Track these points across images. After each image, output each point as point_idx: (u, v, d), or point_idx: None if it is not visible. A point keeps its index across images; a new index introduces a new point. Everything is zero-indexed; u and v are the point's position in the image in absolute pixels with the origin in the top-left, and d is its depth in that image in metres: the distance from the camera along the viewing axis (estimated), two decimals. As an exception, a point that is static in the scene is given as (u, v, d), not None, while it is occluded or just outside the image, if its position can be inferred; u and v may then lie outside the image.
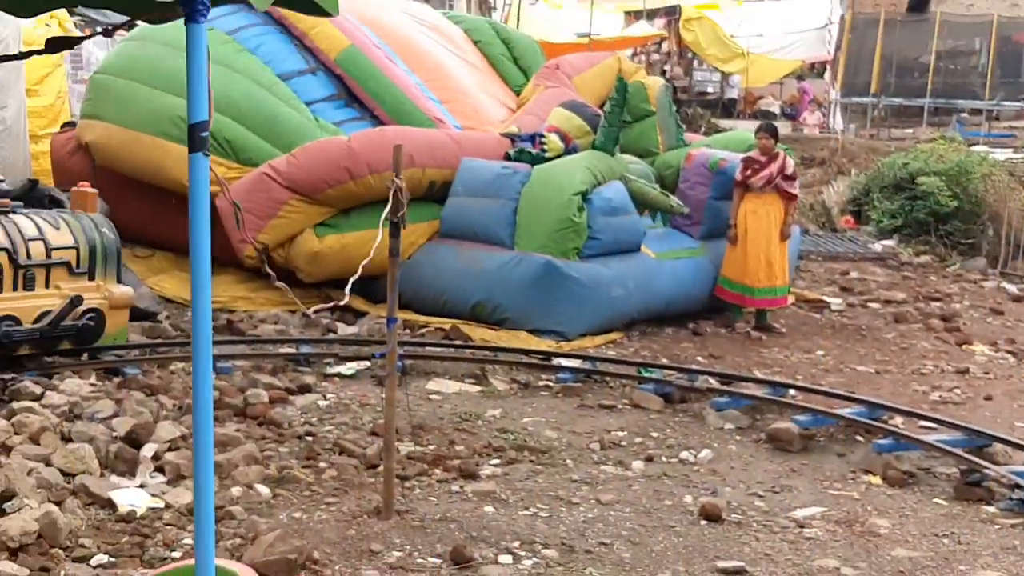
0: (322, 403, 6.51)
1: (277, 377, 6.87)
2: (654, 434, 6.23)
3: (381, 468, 4.92)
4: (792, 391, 6.99)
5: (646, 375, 7.24)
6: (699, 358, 8.26)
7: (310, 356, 7.38)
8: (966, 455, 5.57)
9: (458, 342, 8.10)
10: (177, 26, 2.84)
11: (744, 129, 13.52)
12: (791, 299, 10.36)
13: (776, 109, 28.93)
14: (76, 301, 6.54)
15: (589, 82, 11.12)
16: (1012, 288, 12.63)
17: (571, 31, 25.05)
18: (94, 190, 7.18)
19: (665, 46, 27.61)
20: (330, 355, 7.44)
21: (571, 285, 8.34)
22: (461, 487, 5.17)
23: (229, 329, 8.11)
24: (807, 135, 22.77)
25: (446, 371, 7.33)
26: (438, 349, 7.82)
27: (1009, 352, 9.04)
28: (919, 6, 33.81)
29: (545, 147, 9.38)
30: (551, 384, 7.21)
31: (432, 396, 6.82)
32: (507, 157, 9.47)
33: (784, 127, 22.53)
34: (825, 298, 10.96)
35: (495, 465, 5.54)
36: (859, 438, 6.21)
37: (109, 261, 6.82)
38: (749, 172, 9.19)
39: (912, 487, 5.43)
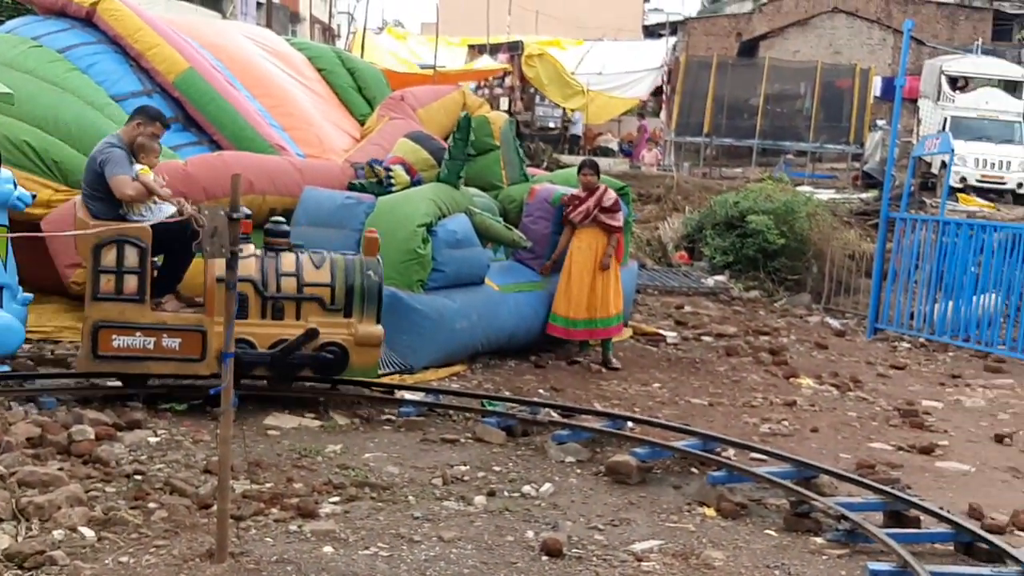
0: (152, 440, 6.24)
1: (104, 412, 6.55)
2: (496, 468, 6.23)
3: (215, 508, 4.74)
4: (630, 424, 7.10)
5: (489, 408, 7.24)
6: (541, 391, 8.32)
7: (140, 390, 7.08)
8: (795, 487, 5.75)
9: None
10: None
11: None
12: (628, 332, 10.59)
13: (615, 146, 29.68)
14: (311, 333, 6.86)
15: (434, 114, 11.14)
16: (835, 323, 13.25)
17: (415, 62, 25.12)
18: (375, 235, 7.38)
19: (508, 81, 27.99)
20: (161, 389, 7.16)
21: (415, 317, 8.28)
22: (299, 527, 5.03)
23: (53, 361, 7.72)
24: (644, 172, 23.40)
25: (284, 406, 7.15)
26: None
27: (833, 385, 9.45)
28: (749, 51, 35.38)
29: (392, 179, 9.33)
30: (393, 418, 7.13)
31: (270, 432, 6.63)
32: (351, 187, 9.37)
33: (622, 164, 23.10)
34: (661, 331, 11.24)
35: (335, 503, 5.42)
36: (694, 470, 6.35)
37: (368, 301, 7.03)
38: (570, 208, 9.41)
39: (744, 518, 5.58)
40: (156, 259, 6.97)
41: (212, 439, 6.19)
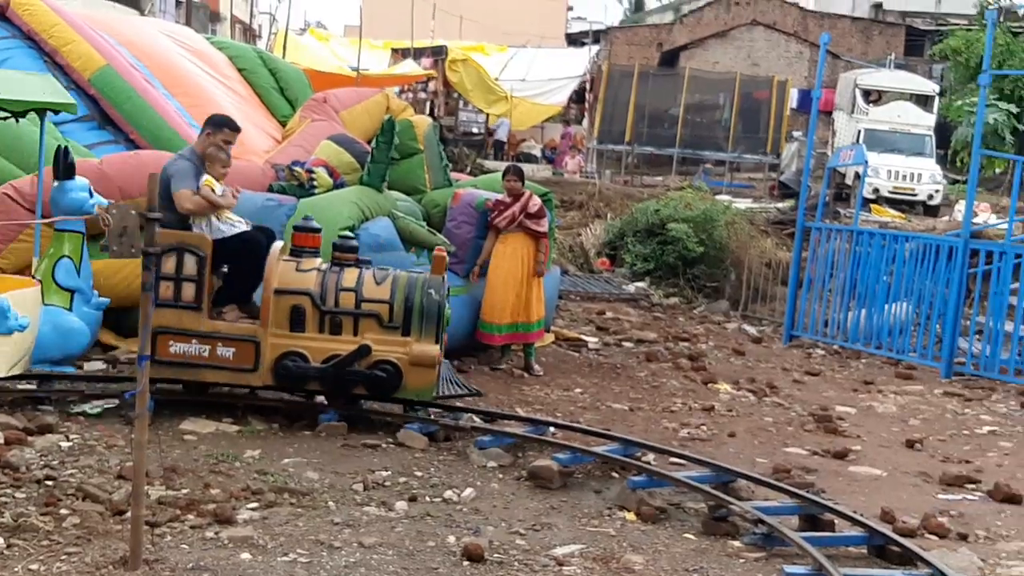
0: (64, 444, 6.09)
1: (14, 416, 6.37)
2: (418, 473, 6.19)
3: (129, 514, 4.64)
4: (552, 429, 7.13)
5: (411, 413, 7.20)
6: None
7: (52, 393, 6.90)
8: (713, 491, 5.83)
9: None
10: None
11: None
12: (550, 337, 10.62)
13: (537, 152, 29.80)
14: (363, 350, 6.77)
15: (357, 117, 11.06)
16: (751, 330, 13.47)
17: (338, 64, 24.93)
18: (444, 254, 7.25)
19: (432, 85, 27.95)
20: (74, 392, 6.98)
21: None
22: (216, 533, 4.94)
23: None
24: (567, 179, 23.54)
25: (202, 410, 7.02)
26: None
27: (750, 391, 9.60)
28: (670, 61, 35.84)
29: (314, 181, 9.24)
30: (314, 423, 7.04)
31: (186, 437, 6.51)
32: (272, 189, 9.26)
33: (545, 170, 23.21)
34: (583, 337, 11.30)
35: (253, 509, 5.34)
36: (615, 475, 6.39)
37: (427, 321, 6.85)
38: (495, 213, 9.43)
39: (664, 522, 5.63)
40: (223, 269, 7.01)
41: (126, 444, 6.06)
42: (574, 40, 40.83)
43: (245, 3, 40.30)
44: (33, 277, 7.28)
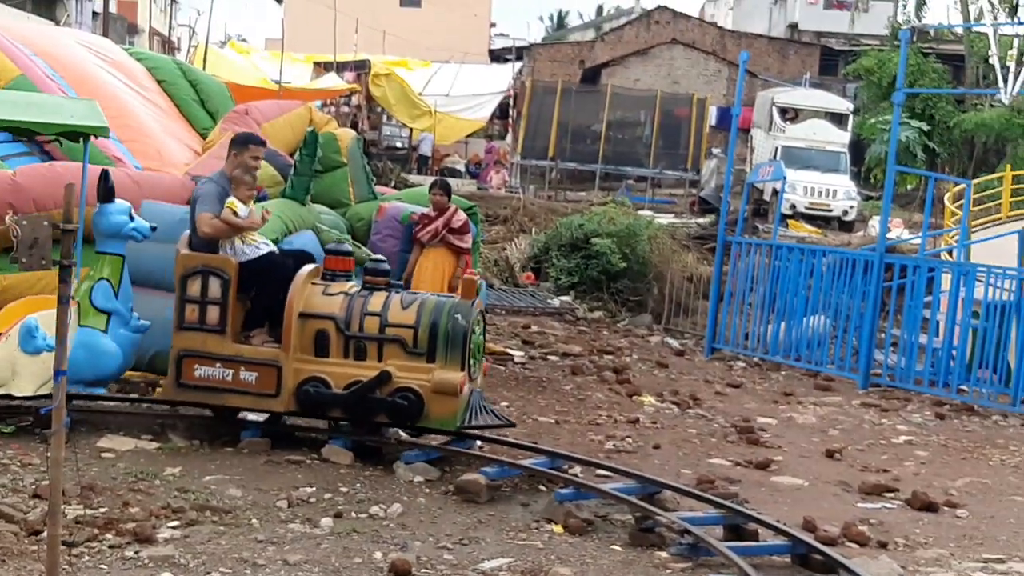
0: (-24, 464, 5.90)
1: (-78, 435, 6.16)
2: (344, 489, 6.12)
3: (45, 534, 4.50)
4: (479, 443, 7.11)
5: (336, 428, 7.10)
6: None
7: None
8: (639, 502, 5.86)
9: (134, 396, 7.62)
10: None
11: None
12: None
13: (461, 167, 29.82)
14: (384, 376, 6.50)
15: (279, 130, 10.92)
16: (674, 343, 13.62)
17: (259, 77, 24.66)
18: (476, 278, 7.12)
19: (355, 99, 27.80)
20: (-13, 410, 6.77)
21: (258, 336, 8.08)
22: (136, 553, 4.83)
23: None
24: (492, 194, 23.58)
25: (120, 427, 6.86)
26: (111, 403, 7.31)
27: (673, 403, 9.69)
28: (592, 78, 36.19)
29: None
30: (236, 439, 6.92)
31: (104, 454, 6.35)
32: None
33: (469, 185, 23.23)
34: (509, 351, 11.31)
35: (174, 527, 5.23)
36: (542, 487, 6.39)
37: (452, 347, 6.56)
38: (419, 227, 9.41)
39: (591, 534, 5.64)
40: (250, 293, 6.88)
41: (42, 462, 5.89)
42: (497, 56, 40.99)
43: (164, 15, 39.68)
44: (72, 299, 7.14)
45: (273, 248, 7.07)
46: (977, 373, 11.05)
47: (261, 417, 7.31)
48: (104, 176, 7.21)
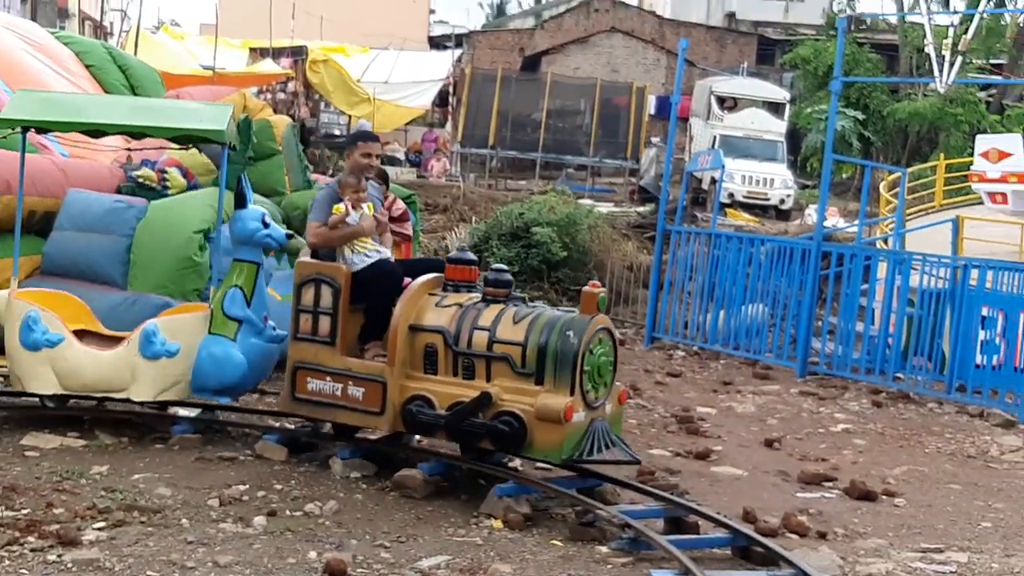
0: None
1: None
2: (278, 486, 5.97)
3: (-39, 540, 4.31)
4: (417, 436, 6.97)
5: (270, 423, 6.95)
6: None
7: None
8: (579, 496, 5.79)
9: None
10: None
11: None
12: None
13: (401, 155, 29.55)
14: (484, 399, 5.88)
15: (212, 117, 10.67)
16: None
17: (193, 63, 24.19)
18: (598, 290, 6.06)
19: (292, 86, 27.40)
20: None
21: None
22: (59, 556, 4.64)
23: None
24: (432, 182, 23.40)
25: (44, 425, 6.63)
26: (35, 399, 7.06)
27: (614, 393, 9.63)
28: (532, 66, 36.09)
29: (167, 182, 8.87)
30: (166, 436, 6.74)
31: (28, 453, 6.14)
32: (120, 190, 8.85)
33: (409, 173, 23.04)
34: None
35: (100, 529, 5.04)
36: (482, 482, 6.29)
37: (561, 368, 5.81)
38: None
39: (531, 530, 5.56)
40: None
41: (-40, 463, 5.66)
42: (437, 43, 40.70)
43: (95, -2, 38.75)
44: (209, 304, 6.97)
45: (385, 255, 6.57)
46: (912, 361, 11.18)
47: (193, 412, 7.14)
48: (238, 182, 6.92)
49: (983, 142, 17.81)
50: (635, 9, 40.71)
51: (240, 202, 6.85)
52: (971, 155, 21.18)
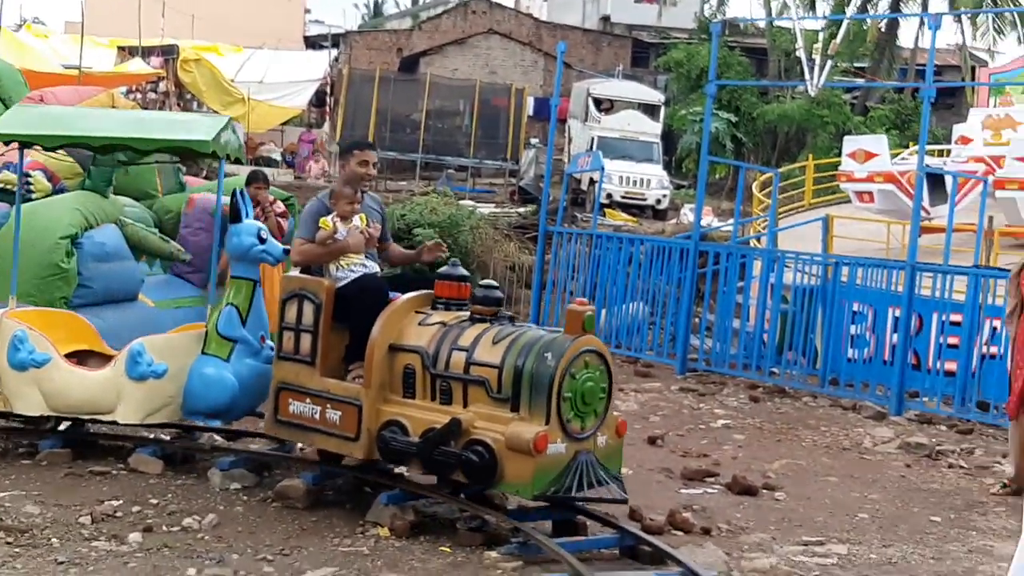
0: None
1: None
2: (153, 501, 5.76)
3: None
4: (300, 445, 6.82)
5: (144, 435, 6.70)
6: None
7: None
8: (467, 501, 5.73)
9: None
10: None
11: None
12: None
13: (277, 156, 29.03)
14: (453, 426, 5.35)
15: (78, 117, 10.27)
16: (498, 334, 13.58)
17: (58, 62, 23.31)
18: (584, 308, 5.45)
19: (162, 86, 26.64)
20: None
21: (58, 339, 7.54)
22: (-83, 584, 4.37)
23: None
24: (310, 184, 23.04)
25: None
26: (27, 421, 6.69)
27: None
28: (410, 67, 35.93)
29: (31, 186, 8.48)
30: (33, 451, 6.43)
31: None
32: (-20, 195, 8.43)
33: (286, 175, 22.64)
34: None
35: (-38, 553, 4.77)
36: (368, 490, 6.18)
37: (536, 393, 5.22)
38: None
39: (418, 537, 5.47)
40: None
41: None
42: (313, 43, 40.18)
43: (-50, -7, 36.97)
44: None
45: (372, 270, 6.17)
46: (787, 356, 11.46)
47: (62, 426, 6.84)
48: (234, 195, 6.52)
49: (850, 143, 18.46)
50: (512, 11, 40.97)
51: (235, 216, 6.47)
52: (838, 155, 21.94)
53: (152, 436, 6.76)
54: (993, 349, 9.82)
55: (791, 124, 31.99)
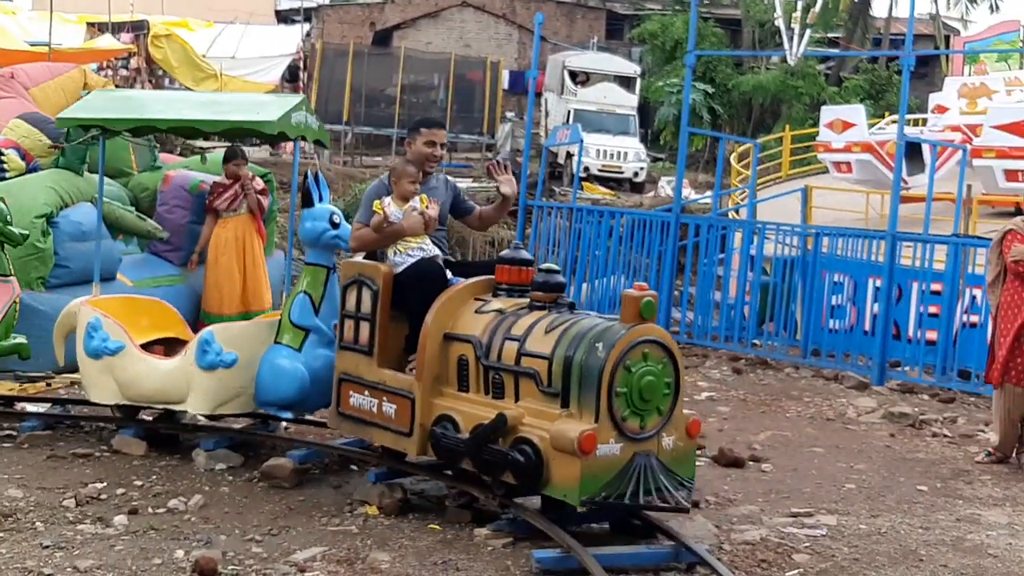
0: None
1: None
2: (138, 483, 5.70)
3: None
4: (284, 423, 6.77)
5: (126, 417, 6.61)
6: (71, 385, 7.71)
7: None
8: (456, 479, 5.68)
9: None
10: None
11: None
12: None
13: (252, 132, 28.73)
14: (500, 422, 4.89)
15: (50, 94, 10.15)
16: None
17: (26, 39, 22.94)
18: (643, 293, 4.91)
19: (134, 62, 26.30)
20: None
21: (37, 319, 7.45)
22: (-101, 571, 4.30)
23: None
24: (286, 160, 22.83)
25: None
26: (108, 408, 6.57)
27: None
28: (383, 40, 35.61)
29: (4, 164, 8.35)
30: (14, 433, 6.35)
31: None
32: (-48, 175, 8.29)
33: (262, 152, 22.43)
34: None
35: (-57, 539, 4.70)
36: (354, 468, 6.14)
37: (586, 388, 4.73)
38: (214, 195, 8.96)
39: (407, 515, 5.42)
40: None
41: None
42: (284, 17, 39.70)
43: (-88, -31, 36.27)
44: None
45: (431, 253, 5.69)
46: (768, 327, 11.48)
47: (42, 407, 6.76)
48: (305, 177, 6.17)
49: (828, 113, 18.45)
50: (485, -17, 40.57)
51: (307, 200, 6.13)
52: (812, 126, 21.98)
53: (135, 417, 6.67)
54: (974, 318, 9.86)
55: (766, 95, 31.98)
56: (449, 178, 6.31)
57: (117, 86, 14.33)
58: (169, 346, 6.52)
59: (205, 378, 6.06)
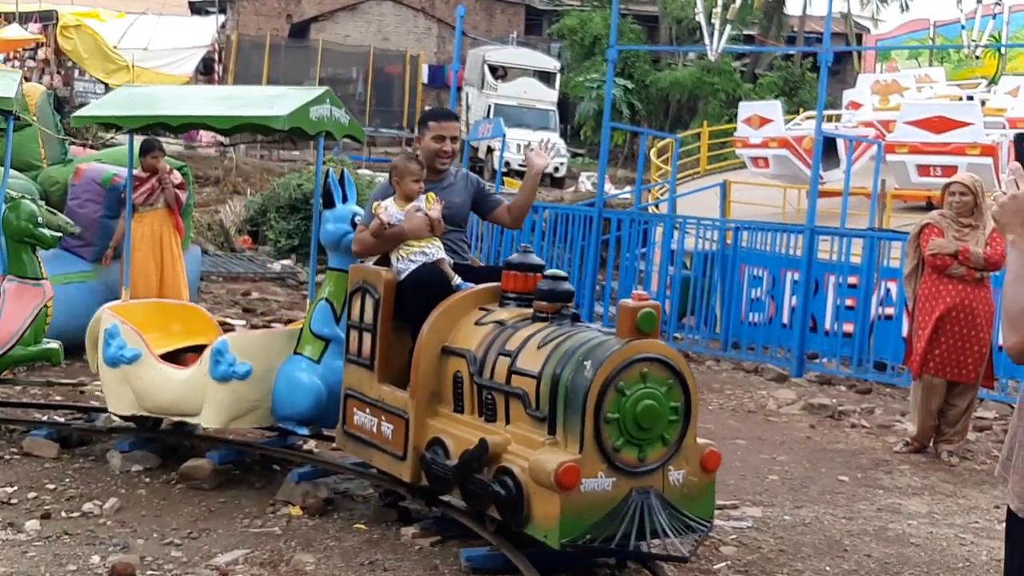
0: None
1: None
2: (50, 486, 5.49)
3: None
4: (202, 425, 6.58)
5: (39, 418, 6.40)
6: (99, 393, 7.51)
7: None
8: (380, 477, 5.59)
9: None
10: None
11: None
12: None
13: (165, 125, 28.16)
14: (481, 449, 4.35)
15: (-47, 84, 9.73)
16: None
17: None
18: (643, 303, 4.22)
19: (42, 52, 25.56)
20: None
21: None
22: None
23: None
24: (201, 153, 22.42)
25: None
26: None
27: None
28: (300, 33, 35.17)
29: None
30: (-84, 438, 6.09)
31: None
32: None
33: (176, 144, 22.00)
34: (229, 320, 10.70)
35: None
36: (276, 467, 6.01)
37: (572, 411, 4.13)
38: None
39: (332, 515, 5.32)
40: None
41: None
42: (198, 8, 38.96)
43: None
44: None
45: (434, 258, 5.14)
46: (689, 321, 11.57)
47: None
48: (326, 176, 5.64)
49: (746, 109, 18.68)
50: (404, -24, 40.30)
51: (328, 201, 5.65)
52: (729, 122, 22.25)
53: (46, 418, 6.45)
54: (889, 310, 10.06)
55: (683, 91, 32.34)
56: (471, 173, 5.78)
57: (25, 78, 13.85)
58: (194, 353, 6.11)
59: (219, 390, 5.61)
